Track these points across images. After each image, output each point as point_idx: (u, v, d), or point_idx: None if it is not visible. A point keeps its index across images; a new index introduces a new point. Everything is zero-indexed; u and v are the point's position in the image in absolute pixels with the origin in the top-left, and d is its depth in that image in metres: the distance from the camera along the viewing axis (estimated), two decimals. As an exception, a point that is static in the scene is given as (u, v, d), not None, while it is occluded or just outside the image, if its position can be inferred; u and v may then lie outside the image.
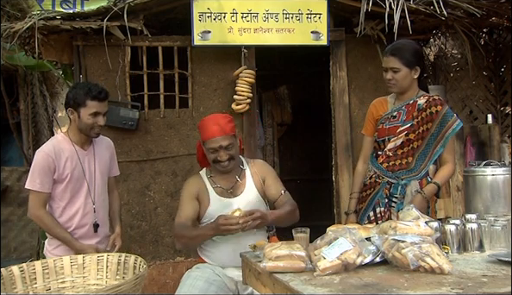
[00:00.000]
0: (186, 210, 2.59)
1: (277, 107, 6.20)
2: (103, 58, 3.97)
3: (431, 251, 1.82)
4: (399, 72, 2.65)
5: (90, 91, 2.59)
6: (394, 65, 2.64)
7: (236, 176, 2.63)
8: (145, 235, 4.08)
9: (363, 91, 4.36)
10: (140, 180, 4.09)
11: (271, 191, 2.67)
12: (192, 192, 2.62)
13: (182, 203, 2.63)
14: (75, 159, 2.67)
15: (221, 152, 2.54)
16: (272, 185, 2.67)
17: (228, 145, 2.55)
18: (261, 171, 2.69)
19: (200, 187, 2.62)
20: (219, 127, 2.57)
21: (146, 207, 4.10)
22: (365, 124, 2.92)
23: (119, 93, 4.00)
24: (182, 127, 4.17)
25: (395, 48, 2.68)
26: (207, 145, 2.57)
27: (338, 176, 4.31)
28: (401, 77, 2.65)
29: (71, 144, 2.69)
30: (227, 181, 2.63)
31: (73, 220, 2.66)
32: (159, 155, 4.13)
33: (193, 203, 2.60)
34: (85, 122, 2.62)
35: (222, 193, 2.61)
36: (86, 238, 2.68)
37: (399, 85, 2.68)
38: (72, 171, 2.65)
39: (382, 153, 2.76)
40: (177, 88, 4.15)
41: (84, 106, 2.60)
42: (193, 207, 2.60)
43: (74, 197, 2.67)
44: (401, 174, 2.70)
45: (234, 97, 4.09)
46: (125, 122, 3.93)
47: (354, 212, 2.86)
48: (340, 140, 4.32)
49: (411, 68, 2.66)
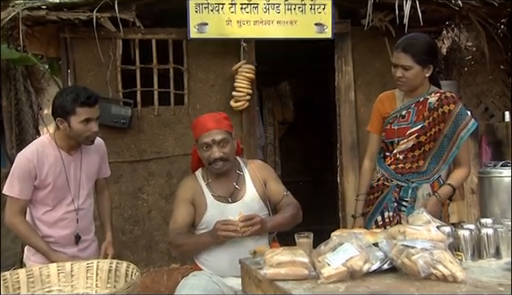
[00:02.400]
0: (181, 215, 2.58)
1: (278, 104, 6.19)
2: (92, 51, 3.96)
3: (443, 258, 1.81)
4: (410, 70, 2.61)
5: (79, 96, 2.53)
6: (405, 63, 2.60)
7: (234, 183, 2.62)
8: (137, 241, 4.07)
9: (370, 87, 4.35)
10: (132, 182, 4.09)
11: (274, 194, 2.65)
12: (187, 196, 2.60)
13: (176, 208, 2.61)
14: (59, 165, 2.62)
15: (214, 148, 2.52)
16: (274, 187, 2.66)
17: (222, 140, 2.52)
18: (262, 173, 2.68)
19: (196, 191, 2.61)
20: (213, 122, 2.57)
21: (139, 211, 4.09)
22: (371, 121, 2.90)
23: (110, 89, 3.99)
24: (177, 125, 4.16)
25: (407, 44, 2.63)
26: (200, 141, 2.55)
27: (343, 177, 4.30)
28: (412, 75, 2.62)
29: (56, 149, 2.63)
30: (225, 188, 2.61)
31: (54, 228, 2.63)
32: (152, 155, 4.12)
33: (188, 207, 2.58)
34: (77, 131, 2.56)
35: (220, 198, 2.59)
36: (67, 247, 2.65)
37: (409, 84, 2.65)
38: (55, 179, 2.60)
39: (390, 155, 2.75)
40: (173, 84, 4.14)
41: (73, 114, 2.53)
42: (188, 212, 2.58)
43: (56, 206, 2.63)
44: (411, 177, 2.69)
45: (232, 93, 4.08)
46: (116, 121, 3.92)
47: (362, 216, 2.84)
48: (346, 139, 4.31)
49: (424, 66, 2.62)
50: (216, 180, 2.62)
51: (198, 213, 2.58)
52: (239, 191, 2.60)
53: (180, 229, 2.55)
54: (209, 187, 2.61)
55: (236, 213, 2.47)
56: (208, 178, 2.64)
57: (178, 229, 2.55)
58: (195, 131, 2.60)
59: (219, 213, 2.54)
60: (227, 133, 2.56)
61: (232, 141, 2.59)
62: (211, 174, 2.63)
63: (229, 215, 2.50)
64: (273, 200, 2.66)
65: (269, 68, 5.37)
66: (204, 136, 2.53)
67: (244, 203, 2.58)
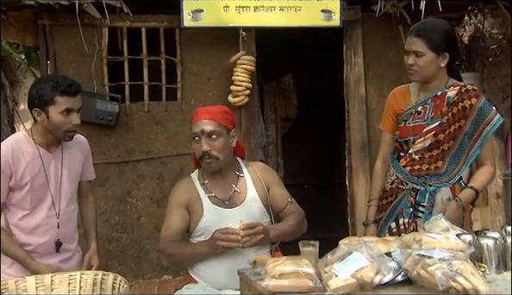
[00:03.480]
0: (175, 221, 2.57)
1: (280, 99, 6.19)
2: (75, 40, 3.95)
3: (464, 269, 1.80)
4: (423, 56, 2.61)
5: (58, 84, 2.51)
6: (417, 49, 2.60)
7: (233, 185, 2.61)
8: (126, 250, 4.07)
9: (382, 80, 4.34)
10: (120, 185, 4.08)
11: (277, 200, 2.65)
12: (182, 200, 2.59)
13: (169, 213, 2.61)
14: (37, 164, 2.60)
15: (203, 140, 2.52)
16: (278, 193, 2.66)
17: (212, 132, 2.51)
18: (265, 177, 2.67)
19: (191, 194, 2.60)
20: (208, 112, 2.58)
21: (128, 217, 4.09)
22: (384, 118, 2.89)
23: (95, 83, 3.99)
24: (170, 122, 4.16)
25: (421, 28, 2.64)
26: (191, 132, 2.57)
27: (352, 180, 4.30)
28: (424, 63, 2.61)
29: (34, 145, 2.61)
30: (224, 190, 2.61)
31: (32, 235, 2.62)
32: (142, 156, 4.12)
33: (182, 213, 2.58)
34: (57, 123, 2.55)
35: (218, 202, 2.59)
36: (47, 257, 2.64)
37: (421, 73, 2.65)
38: (34, 178, 2.58)
39: (405, 155, 2.74)
40: (164, 77, 4.14)
41: (52, 104, 2.52)
42: (182, 218, 2.57)
43: (35, 210, 2.61)
44: (428, 180, 2.68)
45: (230, 87, 4.08)
46: (102, 117, 3.91)
47: (374, 222, 2.84)
48: (355, 138, 4.31)
49: (438, 54, 2.62)
50: (213, 181, 2.62)
51: (194, 219, 2.58)
52: (238, 195, 2.60)
53: (173, 237, 2.54)
54: (206, 188, 2.60)
55: (236, 219, 2.46)
56: (204, 178, 2.63)
57: (171, 237, 2.54)
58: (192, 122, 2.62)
59: (217, 219, 2.53)
60: (221, 126, 2.55)
61: (227, 136, 2.57)
62: (207, 174, 2.63)
63: (228, 221, 2.49)
64: (276, 207, 2.66)
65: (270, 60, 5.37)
66: (194, 126, 2.55)
67: (244, 209, 2.57)
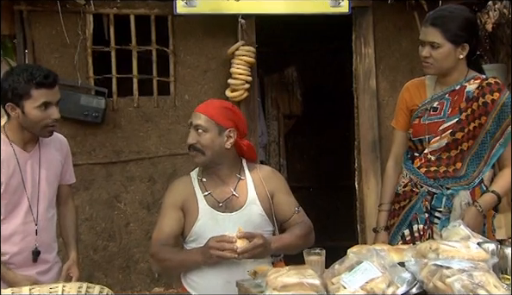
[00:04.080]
0: (168, 223, 2.57)
1: (283, 94, 6.18)
2: (56, 28, 3.94)
3: (485, 281, 1.79)
4: (439, 48, 2.59)
5: (33, 75, 2.49)
6: (433, 40, 2.59)
7: (231, 188, 2.61)
8: (113, 260, 4.07)
9: (395, 72, 4.34)
10: (107, 188, 4.08)
11: (283, 209, 2.65)
12: (177, 201, 2.60)
13: (163, 214, 2.61)
14: (12, 163, 2.58)
15: (191, 132, 2.57)
16: (284, 201, 2.66)
17: (198, 126, 2.54)
18: (269, 182, 2.67)
19: (187, 194, 2.61)
20: (206, 106, 2.61)
21: (115, 223, 4.09)
22: (396, 114, 2.88)
23: (79, 75, 3.98)
24: (161, 119, 4.16)
25: (438, 16, 2.62)
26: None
27: (362, 183, 4.30)
28: (441, 55, 2.60)
29: (8, 144, 2.59)
30: (222, 190, 2.61)
31: (7, 244, 2.60)
32: (131, 156, 4.12)
33: (177, 215, 2.58)
34: (34, 119, 2.53)
35: (214, 204, 2.59)
36: (23, 268, 2.62)
37: (437, 66, 2.64)
38: (8, 180, 2.57)
39: (420, 156, 2.73)
40: (156, 69, 4.14)
41: (28, 97, 2.50)
42: (177, 220, 2.58)
43: (10, 215, 2.60)
44: (446, 182, 2.67)
45: (228, 81, 4.07)
46: (87, 114, 3.91)
47: (385, 229, 2.83)
48: (365, 136, 4.30)
49: (457, 45, 2.60)
50: (212, 180, 2.63)
51: (188, 221, 2.58)
52: (236, 200, 2.60)
53: (166, 241, 2.54)
54: (203, 186, 2.61)
55: (232, 225, 2.46)
56: (203, 175, 2.65)
57: (164, 240, 2.54)
58: None
59: (212, 223, 2.53)
60: (211, 122, 2.54)
61: (217, 134, 2.56)
62: (207, 171, 2.64)
63: (224, 227, 2.49)
64: (281, 216, 2.65)
65: (272, 50, 5.38)
66: (192, 116, 2.60)
67: (242, 215, 2.57)
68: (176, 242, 2.59)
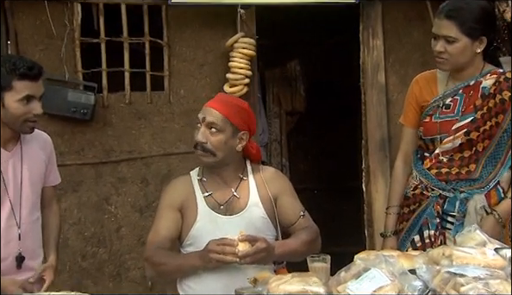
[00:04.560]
0: (165, 225, 2.58)
1: (285, 89, 6.19)
2: (41, 18, 3.94)
3: (503, 290, 1.79)
4: (455, 43, 2.58)
5: (16, 66, 2.48)
6: (448, 34, 2.58)
7: (232, 189, 2.62)
8: (103, 267, 4.06)
9: (406, 66, 4.33)
10: (96, 190, 4.08)
11: (286, 213, 2.66)
12: (175, 202, 2.60)
13: (159, 215, 2.62)
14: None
15: (202, 128, 2.55)
16: (288, 205, 2.67)
17: (212, 124, 2.53)
18: (273, 185, 2.68)
19: (186, 194, 2.61)
20: (219, 101, 2.61)
21: (105, 227, 4.08)
22: (405, 110, 2.88)
23: (66, 69, 3.97)
24: (155, 116, 4.16)
25: (453, 8, 2.61)
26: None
27: (370, 184, 4.30)
28: (457, 50, 2.59)
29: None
30: (222, 192, 2.62)
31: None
32: (123, 156, 4.12)
33: (175, 216, 2.59)
34: (15, 113, 2.52)
35: (214, 206, 2.60)
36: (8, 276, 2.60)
37: (452, 62, 2.63)
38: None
39: (430, 156, 2.73)
40: (149, 63, 4.13)
41: (9, 89, 2.49)
42: (174, 222, 2.58)
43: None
44: (459, 185, 2.68)
45: (226, 75, 4.07)
46: (75, 110, 3.90)
47: (394, 234, 2.84)
48: (374, 134, 4.30)
49: (474, 39, 2.60)
50: (213, 179, 2.63)
51: (186, 223, 2.59)
52: (238, 201, 2.61)
53: (162, 243, 2.54)
54: (203, 186, 2.62)
55: (233, 229, 2.46)
56: (203, 174, 2.65)
57: (160, 243, 2.54)
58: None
59: (211, 226, 2.54)
60: (227, 122, 2.55)
61: (231, 136, 2.57)
62: (208, 171, 2.65)
63: (224, 230, 2.49)
64: (286, 220, 2.66)
65: (274, 43, 5.36)
66: (202, 111, 2.58)
67: (243, 218, 2.58)
68: (172, 246, 2.59)
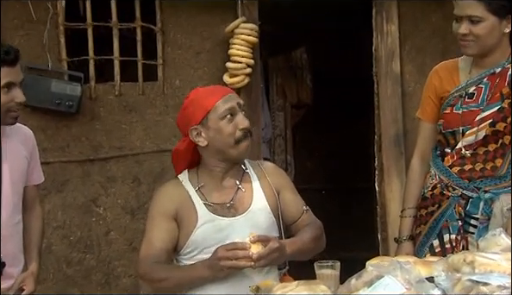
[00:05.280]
0: (160, 237, 2.54)
1: (291, 80, 6.20)
2: (21, 0, 3.93)
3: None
4: (481, 22, 2.58)
5: None
6: (473, 13, 2.58)
7: (237, 181, 2.62)
8: (90, 275, 4.07)
9: (423, 54, 4.31)
10: (83, 190, 4.09)
11: (290, 209, 2.67)
12: (169, 209, 2.58)
13: (151, 227, 2.58)
14: None
15: (241, 114, 2.55)
16: (291, 200, 2.68)
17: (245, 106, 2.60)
18: (275, 179, 2.69)
19: (181, 202, 2.59)
20: (222, 88, 2.68)
21: (93, 231, 4.09)
22: (423, 103, 2.89)
23: (49, 57, 3.98)
24: (148, 109, 4.16)
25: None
26: (218, 110, 2.53)
27: (384, 184, 4.30)
28: (483, 31, 2.58)
29: None
30: (223, 192, 2.61)
31: None
32: (112, 152, 4.13)
33: (169, 225, 2.56)
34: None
35: (217, 209, 2.58)
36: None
37: (480, 44, 2.62)
38: None
39: (452, 152, 2.73)
40: (141, 50, 4.14)
41: None
42: (169, 232, 2.55)
43: None
44: (483, 184, 2.67)
45: (226, 64, 4.08)
46: (59, 102, 3.90)
47: (410, 239, 2.84)
48: (388, 129, 4.30)
49: (501, 17, 2.59)
50: (213, 183, 2.62)
51: (184, 232, 2.56)
52: (243, 198, 2.61)
53: (157, 257, 2.51)
54: (201, 194, 2.60)
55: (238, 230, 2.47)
56: (199, 181, 2.63)
57: (155, 257, 2.51)
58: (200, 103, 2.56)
59: (212, 229, 2.52)
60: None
61: None
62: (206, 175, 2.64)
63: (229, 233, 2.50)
64: (289, 217, 2.67)
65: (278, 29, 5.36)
66: (226, 100, 2.53)
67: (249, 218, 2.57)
68: (168, 259, 2.57)
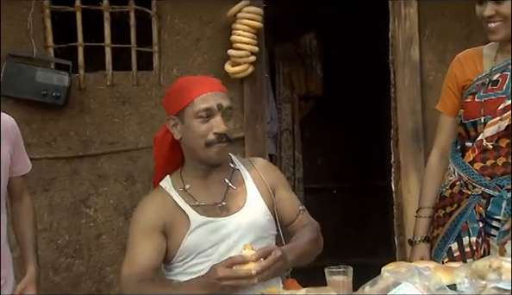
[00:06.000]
0: (145, 252, 2.52)
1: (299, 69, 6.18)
2: (0, -19, 3.96)
3: (561, 308, 1.78)
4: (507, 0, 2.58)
5: None
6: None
7: (226, 179, 2.63)
8: (79, 282, 4.08)
9: (445, 39, 4.31)
10: (71, 190, 4.10)
11: (286, 209, 2.68)
12: (155, 223, 2.55)
13: (135, 243, 2.55)
14: None
15: (218, 117, 2.52)
16: (287, 199, 2.70)
17: (229, 109, 2.56)
18: (269, 176, 2.70)
19: (168, 211, 2.57)
20: (213, 82, 2.62)
21: (83, 234, 4.10)
22: (443, 95, 2.90)
23: (34, 43, 3.98)
24: (143, 101, 4.18)
25: None
26: (194, 107, 2.52)
27: (401, 183, 4.30)
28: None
29: None
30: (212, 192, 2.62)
31: None
32: (104, 148, 4.15)
33: (156, 240, 2.54)
34: None
35: (208, 211, 2.58)
36: None
37: (509, 25, 2.62)
38: None
39: (473, 146, 2.73)
40: (134, 36, 4.15)
41: None
42: (156, 247, 2.53)
43: None
44: (506, 182, 2.67)
45: (228, 52, 4.09)
46: (46, 93, 3.90)
47: (425, 240, 2.85)
48: (405, 123, 4.30)
49: None
50: (200, 183, 2.63)
51: (174, 242, 2.56)
52: (236, 195, 2.62)
53: (142, 275, 2.49)
54: (188, 196, 2.60)
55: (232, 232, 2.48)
56: (184, 182, 2.63)
57: (139, 275, 2.49)
58: (179, 97, 2.57)
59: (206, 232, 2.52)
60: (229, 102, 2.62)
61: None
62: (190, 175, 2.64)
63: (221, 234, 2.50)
64: (285, 218, 2.68)
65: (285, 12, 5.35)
66: (205, 98, 2.52)
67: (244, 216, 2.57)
68: (154, 277, 2.54)
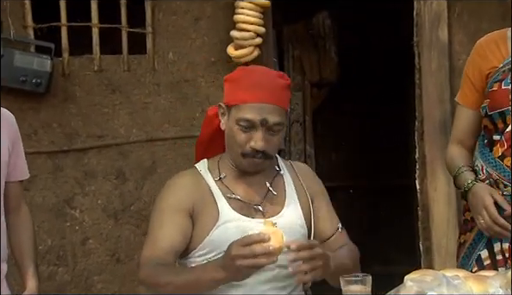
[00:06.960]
0: (171, 234, 2.56)
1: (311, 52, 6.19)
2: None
3: None
4: None
5: None
6: None
7: (267, 182, 2.66)
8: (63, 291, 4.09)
9: (477, 18, 4.29)
10: (54, 189, 4.12)
11: (323, 223, 2.71)
12: (185, 203, 2.60)
13: (160, 222, 2.60)
14: None
15: (260, 133, 2.54)
16: (326, 212, 2.73)
17: (277, 125, 2.57)
18: (310, 184, 2.75)
19: (199, 195, 2.63)
20: (274, 89, 2.60)
21: (68, 239, 4.12)
22: (463, 85, 2.93)
23: (11, 23, 3.99)
24: (135, 89, 4.19)
25: None
26: (239, 112, 2.56)
27: (426, 181, 4.29)
28: None
29: None
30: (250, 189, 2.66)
31: None
32: (91, 142, 4.17)
33: (183, 222, 2.58)
34: None
35: (243, 208, 2.62)
36: None
37: None
38: None
39: (501, 139, 2.74)
40: (125, 15, 4.17)
41: None
42: (183, 230, 2.58)
43: None
44: (540, 178, 2.69)
45: (231, 33, 4.09)
46: (25, 80, 3.92)
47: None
48: (431, 113, 4.29)
49: None
50: (237, 176, 2.67)
51: (200, 231, 2.59)
52: (275, 199, 2.66)
53: (163, 258, 2.53)
54: (224, 186, 2.65)
55: None
56: (220, 172, 2.68)
57: (159, 258, 2.53)
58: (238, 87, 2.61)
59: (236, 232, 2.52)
60: (285, 114, 2.63)
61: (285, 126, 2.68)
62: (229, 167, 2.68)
63: None
64: (320, 232, 2.70)
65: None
66: (252, 108, 2.55)
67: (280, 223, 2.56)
68: (174, 261, 2.59)
